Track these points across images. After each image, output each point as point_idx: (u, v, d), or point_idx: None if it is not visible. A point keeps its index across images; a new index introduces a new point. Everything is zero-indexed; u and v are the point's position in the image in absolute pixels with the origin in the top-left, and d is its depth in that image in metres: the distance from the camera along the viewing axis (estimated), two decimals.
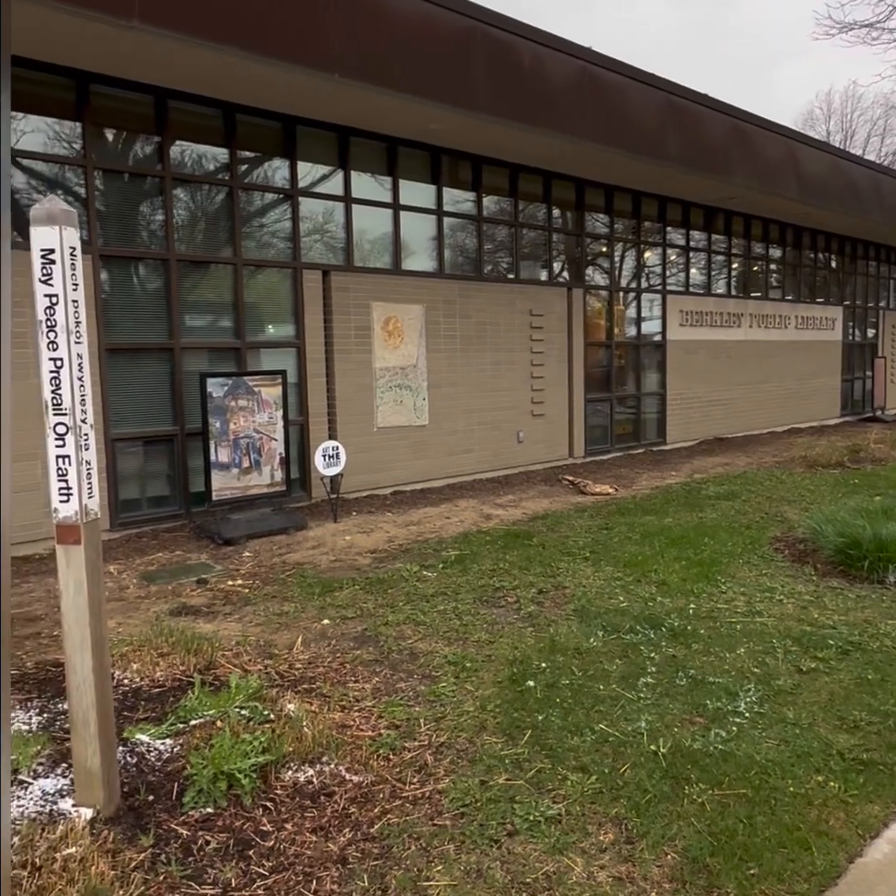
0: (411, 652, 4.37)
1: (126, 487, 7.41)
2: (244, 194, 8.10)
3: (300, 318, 8.38)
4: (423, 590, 5.51)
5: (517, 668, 4.11)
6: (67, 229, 2.68)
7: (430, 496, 9.03)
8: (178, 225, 7.66)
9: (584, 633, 4.60)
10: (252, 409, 7.38)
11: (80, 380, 2.73)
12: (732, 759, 3.30)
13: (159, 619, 5.04)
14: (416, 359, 9.31)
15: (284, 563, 6.37)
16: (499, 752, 3.38)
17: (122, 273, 7.42)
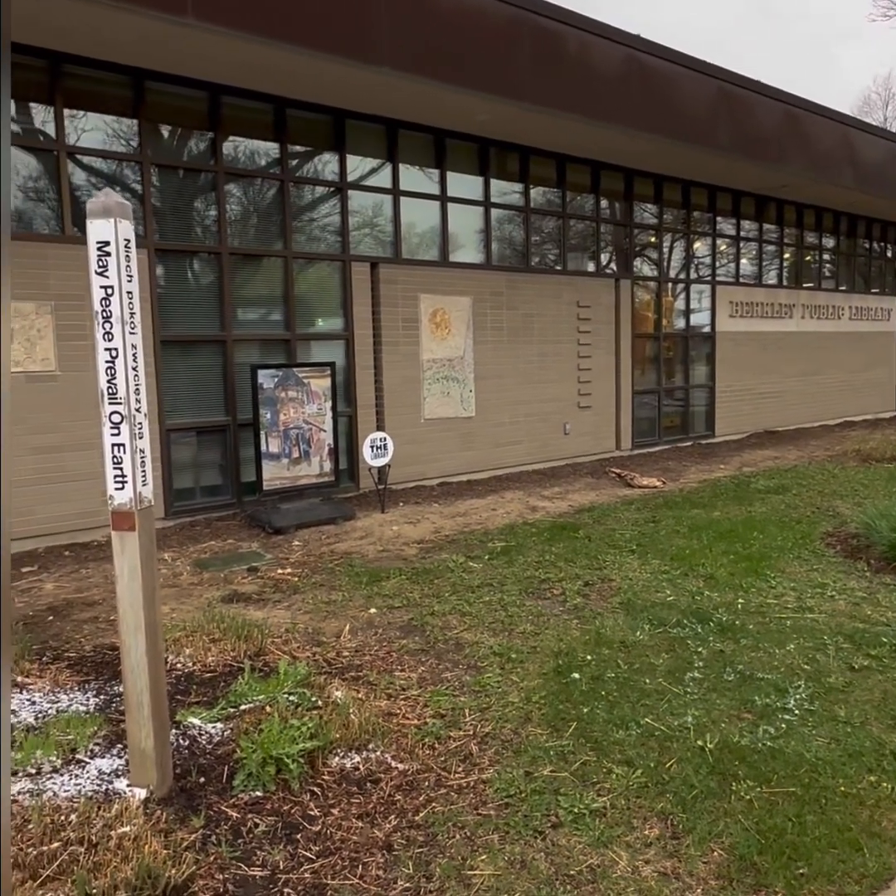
0: (457, 642, 4.35)
1: (180, 477, 7.47)
2: (294, 188, 8.10)
3: (349, 310, 8.38)
4: (468, 580, 5.48)
5: (562, 661, 4.07)
6: (122, 222, 2.70)
7: (476, 487, 9.00)
8: (230, 219, 7.68)
9: (630, 627, 4.54)
10: (301, 401, 7.40)
11: (135, 369, 2.77)
12: (781, 756, 3.22)
13: (211, 605, 5.11)
14: (464, 350, 9.26)
15: (332, 552, 6.39)
16: (543, 743, 3.34)
17: (176, 267, 7.46)
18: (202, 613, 4.76)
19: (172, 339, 7.36)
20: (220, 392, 7.65)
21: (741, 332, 13.07)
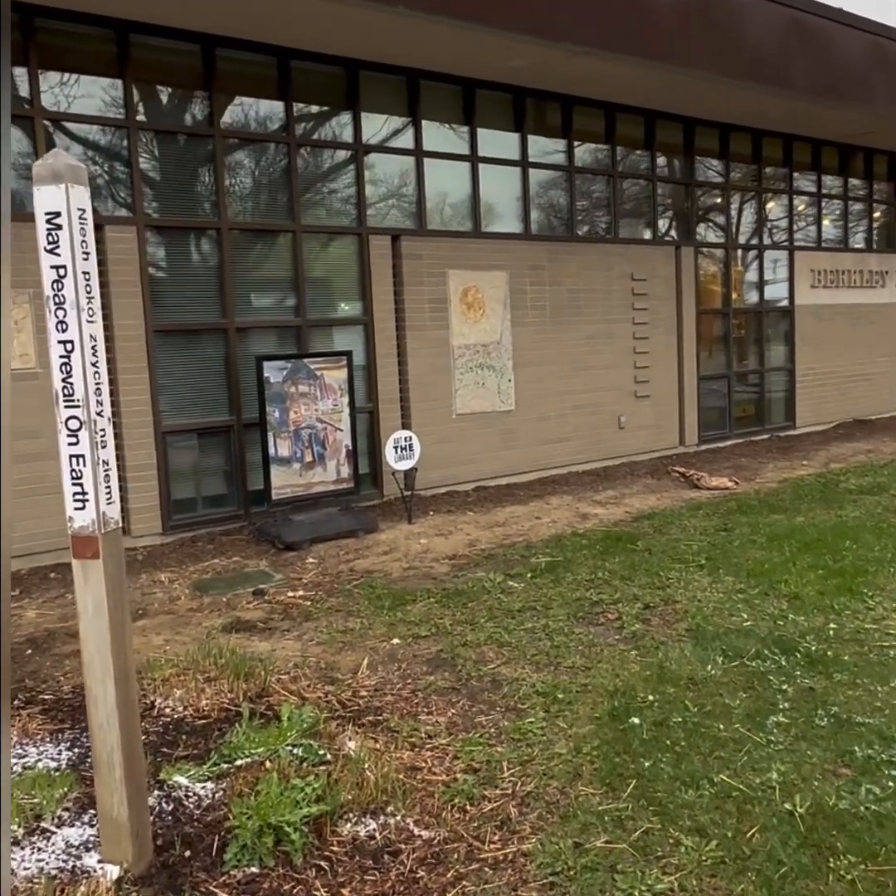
0: (493, 679, 4.26)
1: (179, 486, 7.46)
2: (303, 153, 8.07)
3: (367, 290, 8.33)
4: (508, 604, 5.41)
5: (619, 702, 3.93)
6: (76, 188, 2.55)
7: (517, 492, 8.95)
8: (230, 190, 7.66)
9: (700, 659, 4.39)
10: (314, 396, 7.35)
11: (95, 365, 2.61)
12: (890, 824, 2.98)
13: (210, 635, 5.07)
14: (500, 334, 9.20)
15: (351, 570, 6.38)
16: (597, 806, 3.16)
17: (170, 246, 7.44)
18: (199, 646, 4.68)
19: (167, 328, 7.33)
20: (222, 388, 7.63)
21: (824, 305, 12.79)
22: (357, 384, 8.01)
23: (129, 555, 6.98)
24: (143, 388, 7.13)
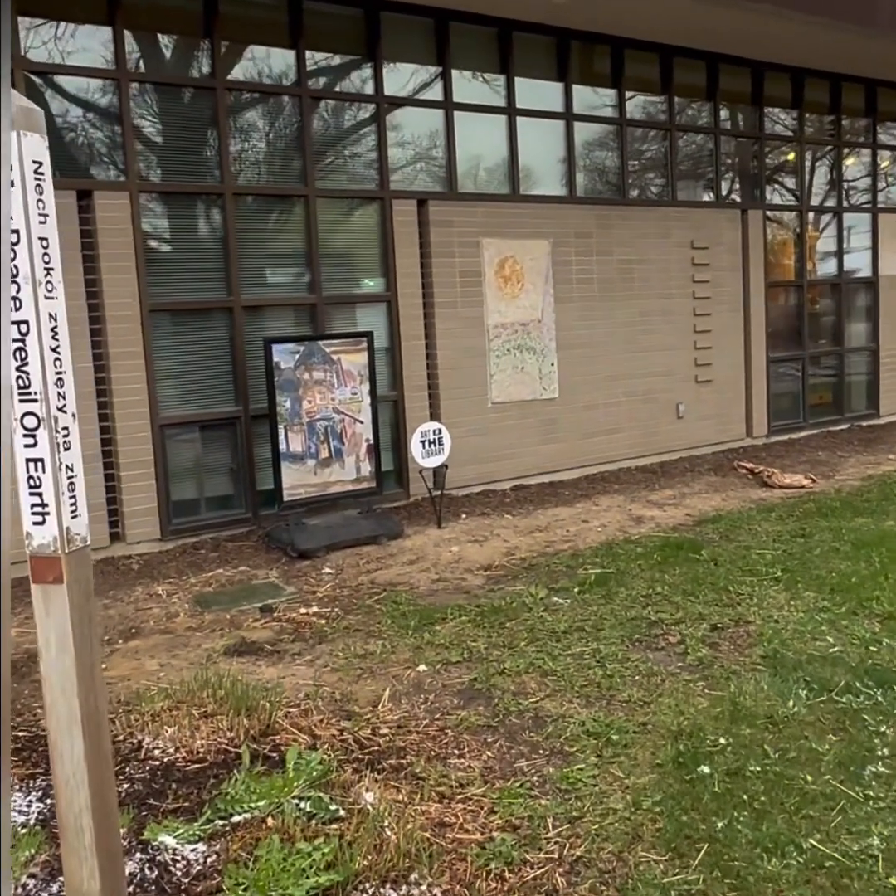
0: (535, 715, 4.13)
1: (180, 486, 7.44)
2: (316, 107, 7.99)
3: (390, 263, 8.27)
4: (552, 623, 5.30)
5: (684, 745, 3.74)
6: (30, 136, 2.33)
7: (561, 492, 8.91)
8: (235, 150, 7.60)
9: (780, 693, 4.20)
10: (330, 383, 7.31)
11: (56, 351, 2.40)
12: None
13: (211, 659, 5.02)
14: (541, 311, 9.13)
15: (372, 583, 6.36)
16: (661, 877, 2.96)
17: (167, 214, 7.39)
18: (197, 672, 4.57)
19: (165, 307, 7.30)
20: (227, 375, 7.60)
21: None
22: (379, 370, 7.96)
23: (123, 564, 6.96)
24: (137, 375, 7.07)
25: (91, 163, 7.03)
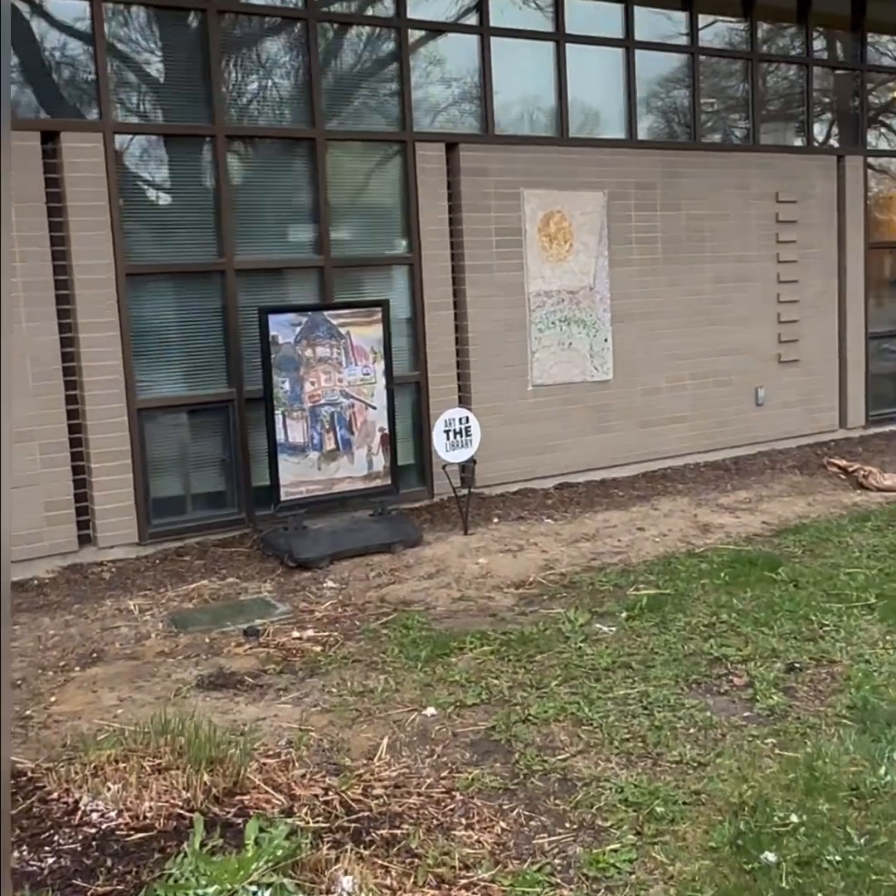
0: (563, 776, 4.01)
1: (160, 481, 7.44)
2: (325, 32, 7.91)
3: (412, 219, 8.23)
4: (591, 658, 5.21)
5: (746, 823, 3.57)
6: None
7: (614, 492, 8.88)
8: (228, 85, 7.52)
9: (869, 756, 4.01)
10: (338, 361, 7.26)
11: None
12: None
13: (179, 694, 4.99)
14: (594, 277, 9.08)
15: (382, 601, 6.33)
16: None
17: (147, 160, 7.37)
18: (157, 712, 4.44)
19: (144, 270, 7.27)
20: (217, 351, 7.57)
21: None
22: (397, 345, 7.93)
23: (93, 572, 6.95)
24: (112, 350, 7.02)
25: (58, 99, 6.98)
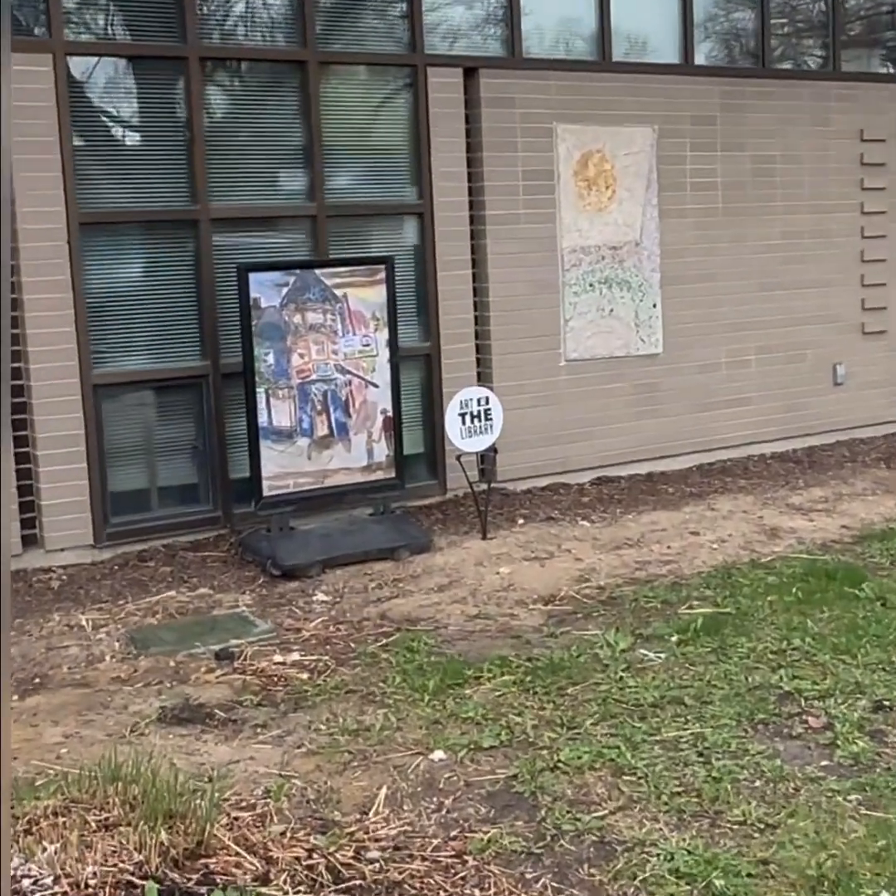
0: (600, 838, 3.97)
1: (121, 471, 7.47)
2: None
3: (423, 159, 8.24)
4: (635, 691, 5.14)
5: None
6: None
7: (663, 488, 8.93)
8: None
9: None
10: (332, 330, 7.28)
11: None
12: None
13: (136, 730, 4.90)
14: (640, 230, 9.11)
15: (383, 618, 6.33)
16: None
17: (105, 87, 7.39)
18: (106, 753, 4.33)
19: (102, 219, 7.28)
20: (189, 316, 7.61)
21: None
22: (404, 311, 7.97)
23: (39, 580, 6.99)
24: (62, 315, 7.05)
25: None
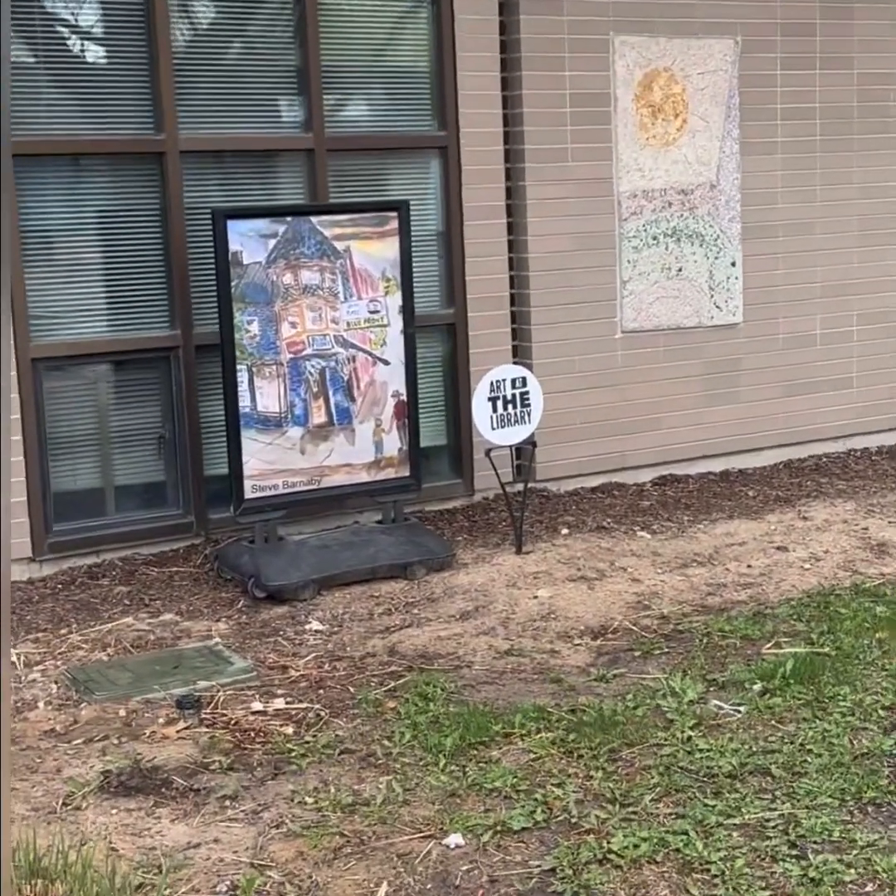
0: None
1: (67, 468, 7.64)
2: None
3: (446, 80, 8.32)
4: (708, 756, 4.98)
5: None
6: None
7: (741, 491, 9.03)
8: None
9: None
10: (332, 293, 7.37)
11: None
12: None
13: (71, 803, 4.76)
14: (717, 170, 9.22)
15: (391, 653, 6.31)
16: None
17: None
18: (40, 828, 4.31)
19: (40, 149, 7.43)
20: (153, 274, 7.76)
21: None
22: (422, 271, 8.08)
23: None
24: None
25: None
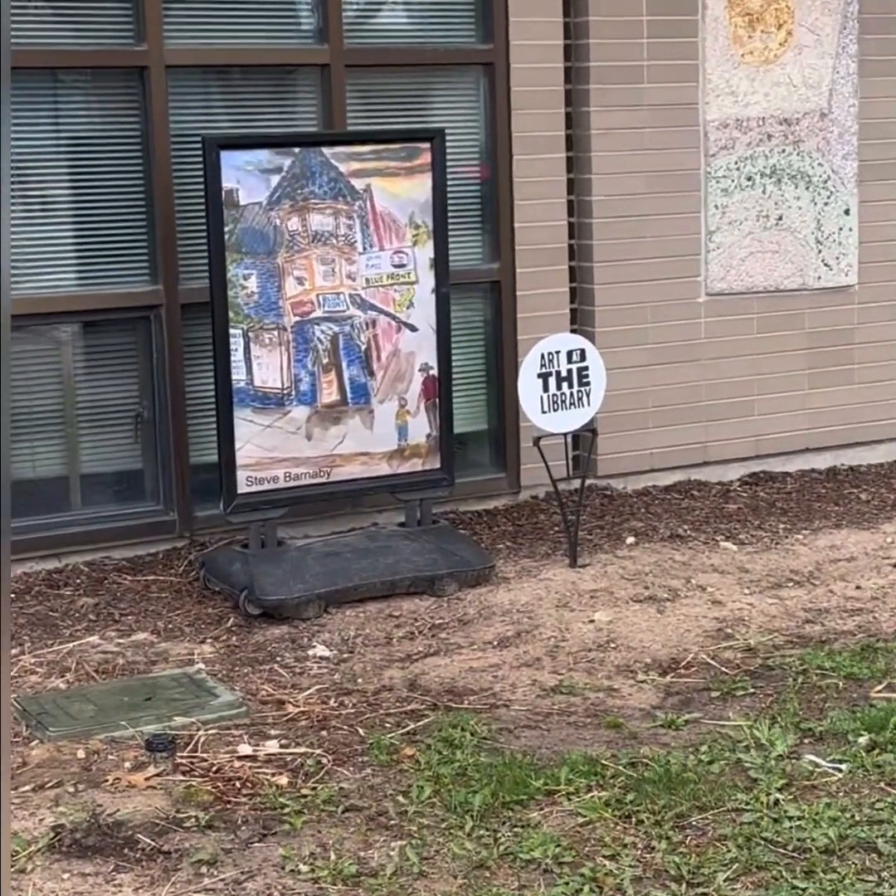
0: None
1: (24, 453, 7.83)
2: None
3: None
4: (798, 825, 4.96)
5: None
6: None
7: (850, 493, 9.26)
8: None
9: None
10: (348, 241, 7.50)
11: None
12: None
13: (15, 864, 4.77)
14: (828, 94, 9.35)
15: (412, 686, 6.37)
16: None
17: None
18: None
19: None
20: (132, 217, 7.94)
21: None
22: (458, 216, 8.35)
23: None
24: None
25: None
